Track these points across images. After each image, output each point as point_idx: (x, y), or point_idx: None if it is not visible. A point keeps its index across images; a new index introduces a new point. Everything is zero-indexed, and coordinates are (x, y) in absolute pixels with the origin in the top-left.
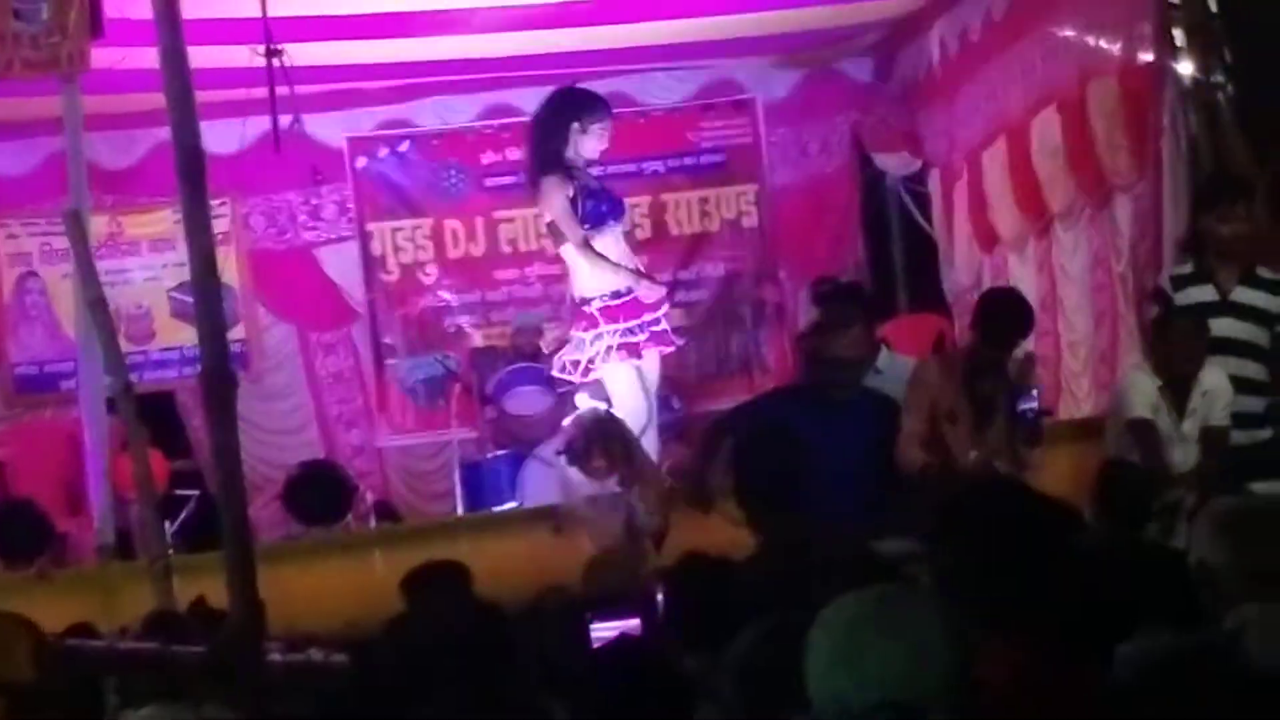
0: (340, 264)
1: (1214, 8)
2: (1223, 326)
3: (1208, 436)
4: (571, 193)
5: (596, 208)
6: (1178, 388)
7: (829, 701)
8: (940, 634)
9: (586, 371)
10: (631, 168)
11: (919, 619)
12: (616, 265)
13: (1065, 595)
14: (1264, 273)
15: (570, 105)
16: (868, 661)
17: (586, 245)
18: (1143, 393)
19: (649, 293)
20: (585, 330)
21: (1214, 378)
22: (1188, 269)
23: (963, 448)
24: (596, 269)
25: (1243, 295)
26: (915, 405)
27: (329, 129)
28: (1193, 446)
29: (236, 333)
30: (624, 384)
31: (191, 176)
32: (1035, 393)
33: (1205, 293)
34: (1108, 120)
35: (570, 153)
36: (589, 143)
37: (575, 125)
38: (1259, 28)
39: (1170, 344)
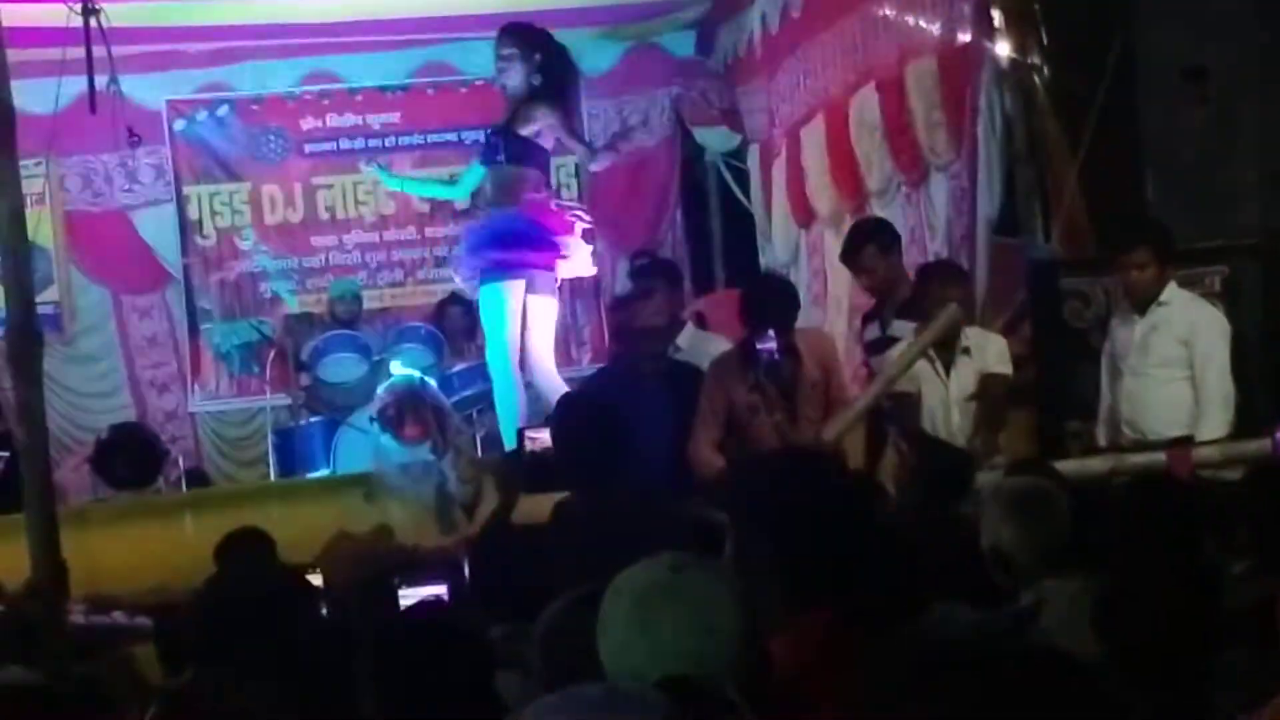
0: (156, 227)
1: None
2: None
3: (987, 385)
4: None
5: None
6: (940, 349)
7: (621, 671)
8: (733, 605)
9: None
10: (451, 137)
11: (712, 589)
12: None
13: (860, 569)
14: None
15: None
16: (659, 631)
17: None
18: (894, 354)
19: None
20: None
21: (976, 335)
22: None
23: (765, 439)
24: None
25: (899, 329)
26: (709, 406)
27: (147, 91)
28: (966, 404)
29: (50, 294)
30: None
31: (1, 135)
32: (771, 333)
33: (872, 330)
34: (925, 99)
35: None
36: None
37: None
38: (1076, 10)
39: (927, 290)
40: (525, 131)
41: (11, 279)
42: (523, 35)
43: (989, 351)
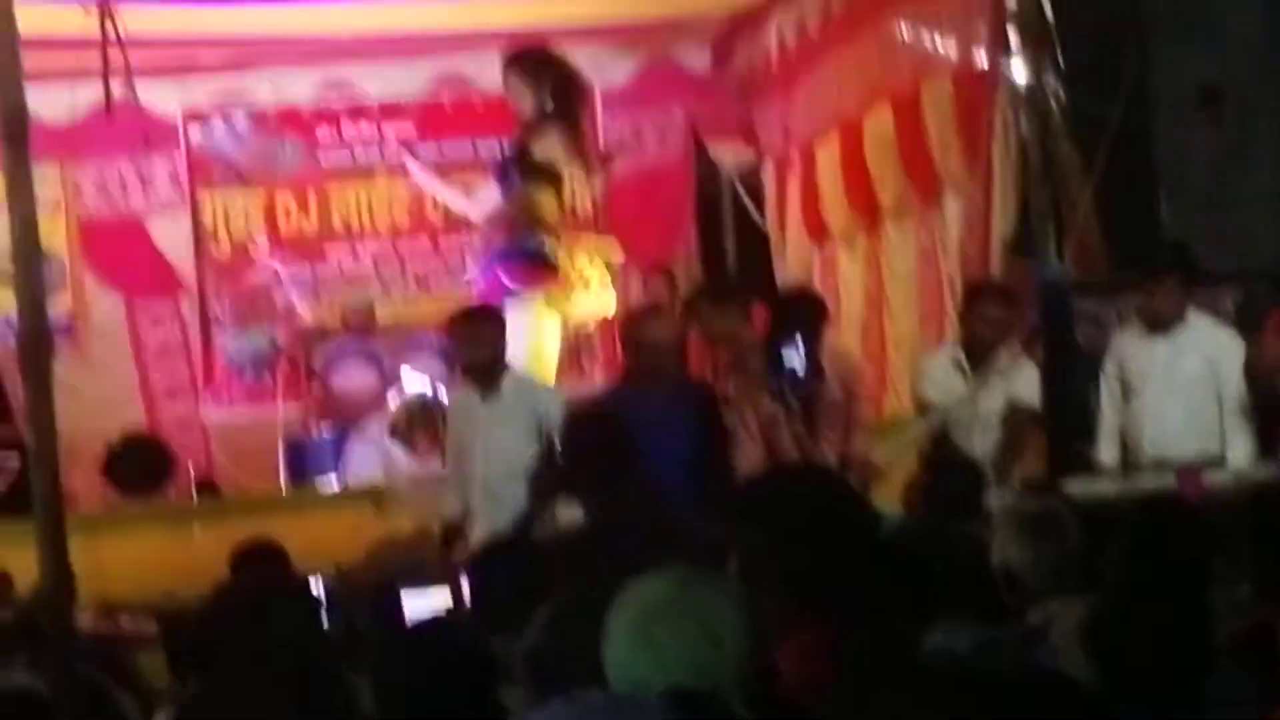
0: (170, 235)
1: (1049, 12)
2: None
3: (1013, 415)
4: None
5: None
6: (977, 364)
7: (626, 683)
8: (738, 619)
9: None
10: (467, 149)
11: (718, 603)
12: None
13: (866, 584)
14: None
15: None
16: (664, 645)
17: None
18: (935, 371)
19: None
20: None
21: (1011, 358)
22: None
23: (785, 451)
24: None
25: None
26: (741, 422)
27: (163, 98)
28: (992, 428)
29: (63, 301)
30: None
31: (15, 138)
32: (799, 338)
33: None
34: (941, 119)
35: None
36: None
37: None
38: (1092, 33)
39: (973, 309)
40: (539, 154)
41: (25, 285)
42: (530, 64)
43: (1020, 378)
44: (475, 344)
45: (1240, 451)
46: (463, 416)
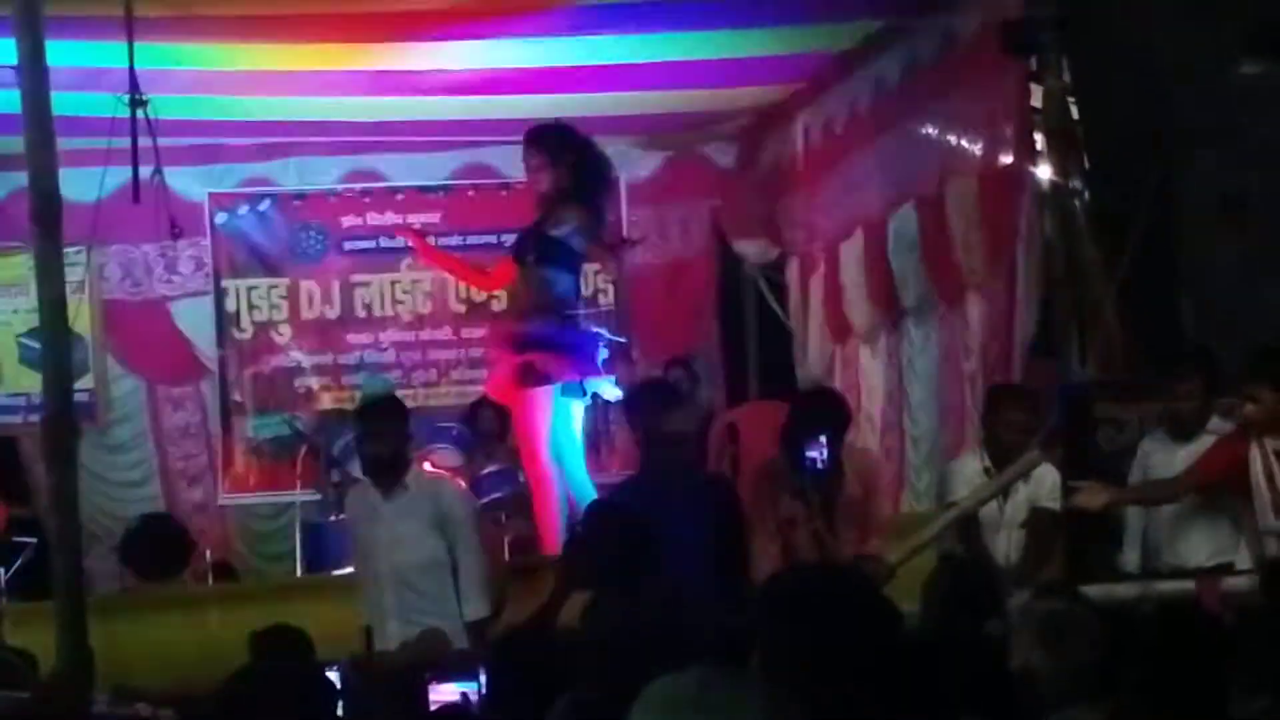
0: (193, 319)
1: (1075, 114)
2: None
3: (1035, 519)
4: None
5: None
6: (1001, 468)
7: None
8: (760, 717)
9: None
10: (491, 239)
11: (740, 701)
12: None
13: (886, 683)
14: None
15: None
16: None
17: None
18: (964, 476)
19: None
20: None
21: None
22: None
23: (804, 549)
24: None
25: None
26: (760, 520)
27: (190, 183)
28: (1017, 531)
29: (85, 382)
30: None
31: (46, 220)
32: (823, 439)
33: None
34: (965, 219)
35: None
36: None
37: None
38: (1118, 135)
39: (997, 413)
40: (555, 233)
41: (50, 365)
42: (551, 141)
43: (1045, 484)
44: (377, 438)
45: (1247, 561)
46: (364, 517)
